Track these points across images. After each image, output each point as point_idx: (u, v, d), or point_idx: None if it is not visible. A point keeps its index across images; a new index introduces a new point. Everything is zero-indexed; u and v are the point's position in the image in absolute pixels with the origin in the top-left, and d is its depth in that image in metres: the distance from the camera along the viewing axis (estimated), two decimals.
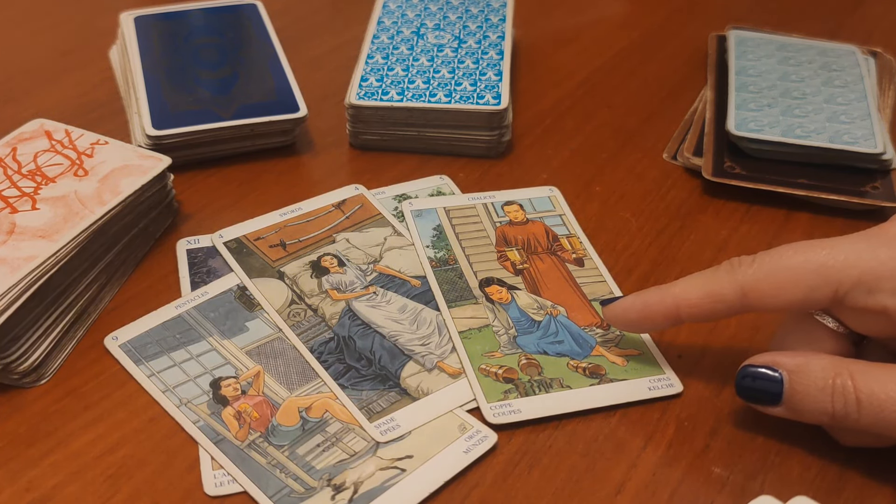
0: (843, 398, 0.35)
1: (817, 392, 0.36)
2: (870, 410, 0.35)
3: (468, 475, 0.38)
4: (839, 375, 0.35)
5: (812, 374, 0.36)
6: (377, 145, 0.57)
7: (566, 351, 0.43)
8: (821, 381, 0.36)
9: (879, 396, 0.34)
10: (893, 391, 0.34)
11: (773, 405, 0.37)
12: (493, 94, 0.55)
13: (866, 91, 0.58)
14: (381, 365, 0.42)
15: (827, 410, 0.36)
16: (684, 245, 0.50)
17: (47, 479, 0.38)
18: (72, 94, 0.61)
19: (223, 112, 0.54)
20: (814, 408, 0.36)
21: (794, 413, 0.37)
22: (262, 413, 0.40)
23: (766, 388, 0.37)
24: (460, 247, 0.49)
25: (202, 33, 0.60)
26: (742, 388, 0.38)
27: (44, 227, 0.44)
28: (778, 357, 0.38)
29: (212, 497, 0.37)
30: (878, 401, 0.34)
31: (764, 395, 0.38)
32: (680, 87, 0.63)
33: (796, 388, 0.36)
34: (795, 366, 0.37)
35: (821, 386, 0.36)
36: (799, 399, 0.36)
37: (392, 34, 0.61)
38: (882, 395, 0.34)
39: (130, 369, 0.42)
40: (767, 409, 0.38)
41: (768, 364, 0.38)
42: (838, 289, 0.36)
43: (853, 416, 0.35)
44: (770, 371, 0.37)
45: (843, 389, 0.35)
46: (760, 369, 0.38)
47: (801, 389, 0.36)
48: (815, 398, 0.36)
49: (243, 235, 0.49)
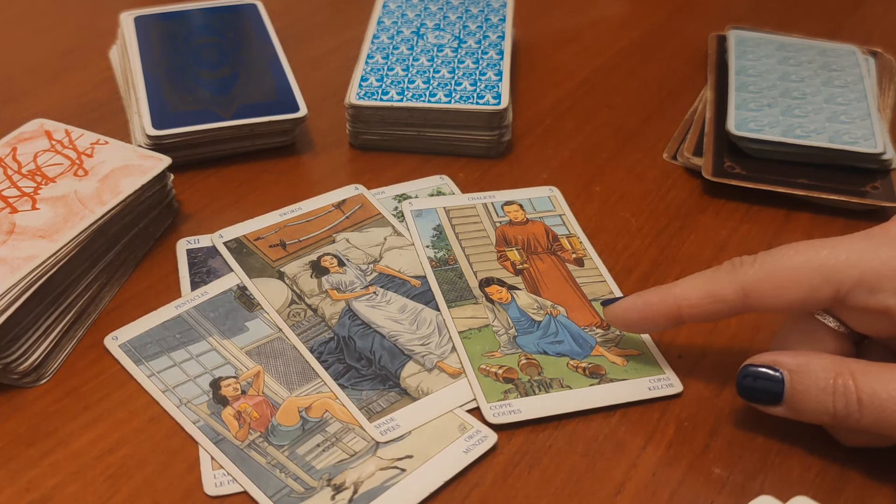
0: (844, 398, 0.35)
1: (818, 392, 0.36)
2: (871, 410, 0.35)
3: (468, 475, 0.38)
4: (840, 375, 0.35)
5: (813, 373, 0.36)
6: (377, 145, 0.57)
7: (566, 351, 0.43)
8: (822, 381, 0.36)
9: (881, 396, 0.34)
10: (895, 390, 0.34)
11: (774, 405, 0.37)
12: (493, 94, 0.55)
13: (866, 91, 0.58)
14: (381, 365, 0.42)
15: (828, 410, 0.36)
16: (684, 245, 0.50)
17: (47, 479, 0.38)
18: (72, 94, 0.61)
19: (223, 112, 0.54)
20: (815, 407, 0.36)
21: (795, 413, 0.37)
22: (262, 413, 0.40)
23: (767, 387, 0.37)
24: (460, 247, 0.49)
25: (202, 33, 0.60)
26: (743, 388, 0.38)
27: (44, 227, 0.44)
28: (779, 357, 0.38)
29: (212, 497, 0.37)
30: (879, 400, 0.34)
31: (765, 395, 0.37)
32: (680, 87, 0.63)
33: (797, 387, 0.36)
34: (796, 365, 0.37)
35: (822, 386, 0.36)
36: (800, 399, 0.36)
37: (392, 34, 0.61)
38: (884, 395, 0.34)
39: (130, 369, 0.42)
40: (768, 409, 0.38)
41: (769, 364, 0.37)
42: (840, 288, 0.36)
43: (854, 416, 0.35)
44: (771, 371, 0.37)
45: (845, 389, 0.35)
46: (761, 369, 0.38)
47: (803, 389, 0.36)
48: (817, 398, 0.36)
49: (243, 235, 0.49)
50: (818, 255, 0.37)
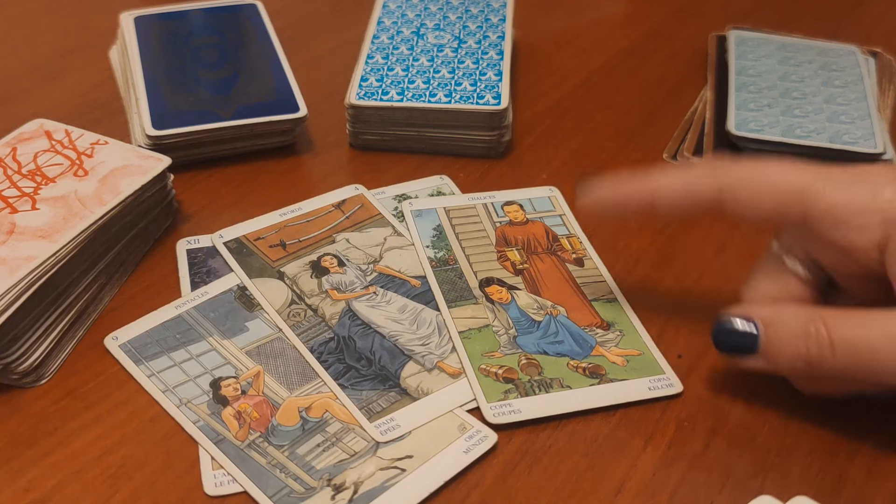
0: (817, 343, 0.36)
1: (792, 338, 0.37)
2: (843, 353, 0.35)
3: (468, 475, 0.38)
4: (812, 321, 0.36)
5: (786, 321, 0.37)
6: (377, 145, 0.57)
7: (566, 351, 0.43)
8: (795, 328, 0.37)
9: (852, 338, 0.35)
10: (866, 333, 0.35)
11: (749, 355, 0.38)
12: (493, 94, 0.55)
13: (866, 91, 0.58)
14: (381, 365, 0.42)
15: (802, 355, 0.36)
16: (684, 245, 0.50)
17: (47, 479, 0.38)
18: (72, 94, 0.61)
19: (223, 112, 0.54)
20: (789, 354, 0.37)
21: (770, 361, 0.38)
22: (262, 413, 0.40)
23: (742, 338, 0.38)
24: (460, 247, 0.49)
25: (202, 33, 0.61)
26: (719, 341, 0.39)
27: (44, 227, 0.44)
28: (752, 308, 0.38)
29: (212, 497, 0.37)
30: (850, 342, 0.35)
31: (741, 346, 0.38)
32: (680, 87, 0.63)
33: (771, 336, 0.37)
34: (769, 315, 0.38)
35: (795, 332, 0.37)
36: (775, 347, 0.37)
37: (392, 34, 0.61)
38: (855, 338, 0.35)
39: (130, 369, 0.42)
40: (745, 361, 0.38)
41: (743, 315, 0.38)
42: (808, 213, 0.37)
43: (828, 360, 0.36)
44: (745, 322, 0.38)
45: (817, 334, 0.36)
46: (735, 320, 0.38)
47: (777, 337, 0.37)
48: (790, 344, 0.37)
49: (243, 235, 0.49)
50: (797, 175, 0.38)
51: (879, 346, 0.35)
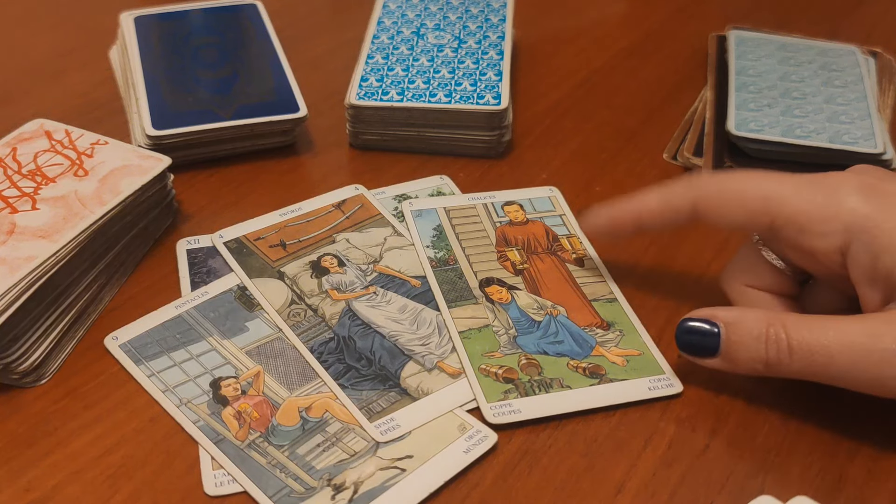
0: (776, 346, 0.37)
1: (752, 340, 0.38)
2: (800, 356, 0.36)
3: (468, 475, 0.38)
4: (772, 325, 0.37)
5: (747, 324, 0.38)
6: (377, 145, 0.57)
7: (566, 351, 0.43)
8: (755, 331, 0.38)
9: (810, 343, 0.36)
10: (823, 338, 0.36)
11: (710, 356, 0.39)
12: (493, 94, 0.55)
13: (866, 91, 0.58)
14: (381, 365, 0.42)
15: (761, 357, 0.38)
16: (684, 245, 0.50)
17: (47, 479, 0.38)
18: (72, 94, 0.61)
19: (223, 112, 0.54)
20: (748, 356, 0.38)
21: (730, 363, 0.39)
22: (262, 413, 0.40)
23: (704, 340, 0.39)
24: (460, 247, 0.49)
25: (202, 33, 0.61)
26: (682, 342, 0.40)
27: (44, 227, 0.44)
28: (716, 311, 0.40)
29: (212, 497, 0.37)
30: (808, 347, 0.36)
31: (702, 348, 0.39)
32: (680, 87, 0.63)
33: (732, 338, 0.38)
34: (732, 318, 0.39)
35: (755, 335, 0.38)
36: (735, 349, 0.38)
37: (392, 34, 0.61)
38: (813, 342, 0.36)
39: (130, 369, 0.42)
40: (705, 362, 0.40)
41: (706, 318, 0.39)
42: (774, 221, 0.39)
43: (785, 363, 0.37)
44: (708, 324, 0.39)
45: (776, 337, 0.37)
46: (699, 323, 0.39)
47: (737, 339, 0.38)
48: (750, 346, 0.38)
49: (243, 235, 0.49)
50: (765, 185, 0.39)
51: (835, 352, 0.36)
